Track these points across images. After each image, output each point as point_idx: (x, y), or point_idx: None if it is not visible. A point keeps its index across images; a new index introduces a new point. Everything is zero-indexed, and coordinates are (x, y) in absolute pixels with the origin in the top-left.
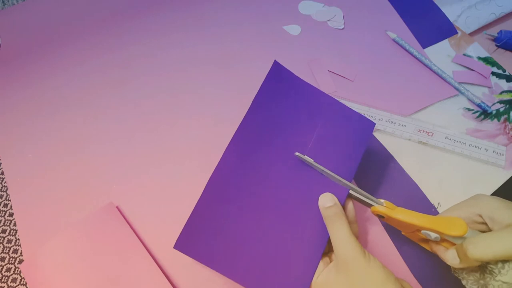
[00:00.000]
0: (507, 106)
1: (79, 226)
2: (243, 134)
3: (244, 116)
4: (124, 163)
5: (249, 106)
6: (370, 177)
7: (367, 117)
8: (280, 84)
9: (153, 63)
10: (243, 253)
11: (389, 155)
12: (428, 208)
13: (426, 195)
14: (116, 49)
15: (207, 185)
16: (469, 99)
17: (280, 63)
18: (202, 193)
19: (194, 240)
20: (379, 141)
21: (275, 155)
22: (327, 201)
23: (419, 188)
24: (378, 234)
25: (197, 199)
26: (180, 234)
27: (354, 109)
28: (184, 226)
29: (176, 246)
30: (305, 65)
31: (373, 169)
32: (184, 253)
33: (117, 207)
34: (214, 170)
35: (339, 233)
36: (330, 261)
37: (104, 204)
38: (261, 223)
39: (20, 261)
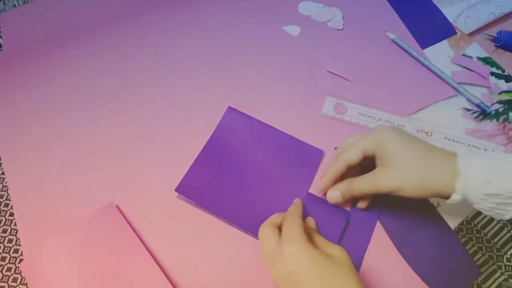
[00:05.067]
0: (506, 106)
1: (79, 225)
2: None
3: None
4: (124, 162)
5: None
6: None
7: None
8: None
9: (154, 68)
10: (232, 198)
11: None
12: (428, 208)
13: None
14: (116, 51)
15: (206, 144)
16: (468, 99)
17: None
18: (202, 150)
19: (192, 186)
20: None
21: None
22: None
23: None
24: (378, 233)
25: None
26: (181, 180)
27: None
28: (185, 174)
29: (177, 189)
30: (304, 66)
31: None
32: (184, 195)
33: (117, 206)
34: (213, 131)
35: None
36: None
37: (104, 204)
38: (252, 181)
39: (21, 261)
